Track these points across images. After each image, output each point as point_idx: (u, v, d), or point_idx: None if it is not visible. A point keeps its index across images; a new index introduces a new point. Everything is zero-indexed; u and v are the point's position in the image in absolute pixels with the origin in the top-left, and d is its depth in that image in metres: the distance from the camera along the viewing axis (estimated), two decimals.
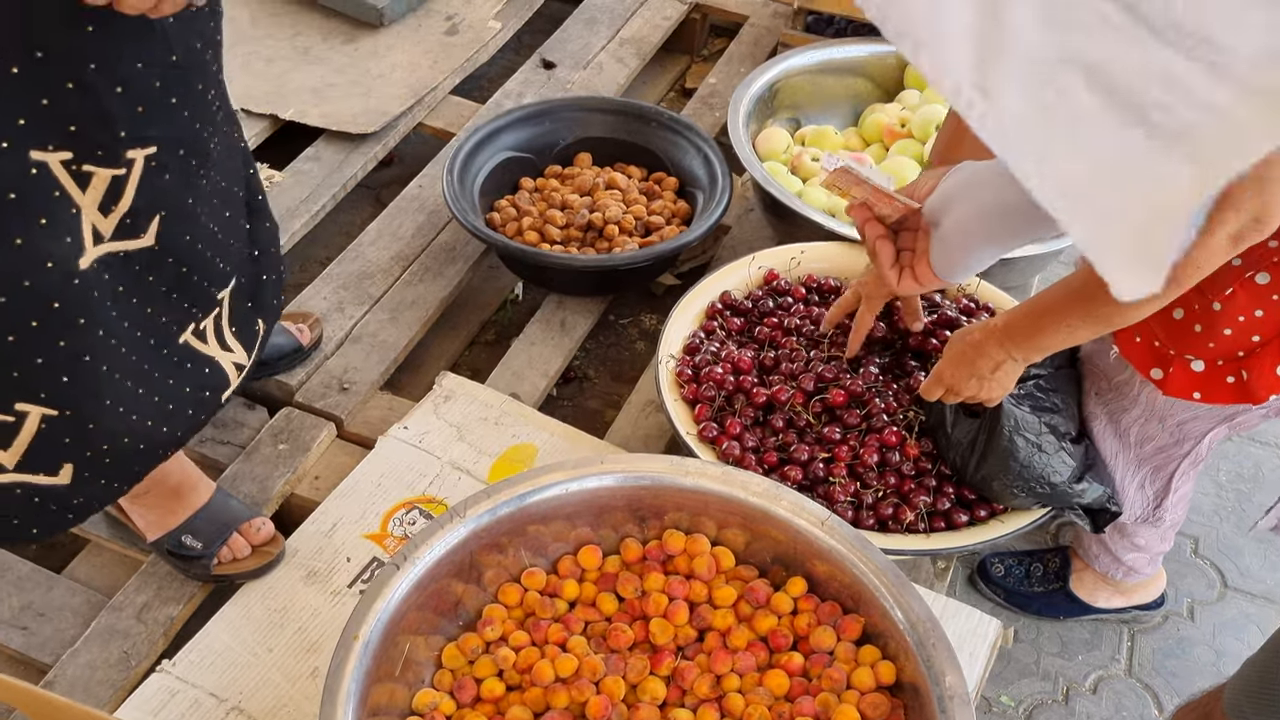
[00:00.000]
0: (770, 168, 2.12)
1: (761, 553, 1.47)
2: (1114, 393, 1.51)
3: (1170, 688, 1.80)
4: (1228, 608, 1.92)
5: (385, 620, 1.29)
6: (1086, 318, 1.28)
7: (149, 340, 1.31)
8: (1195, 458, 1.49)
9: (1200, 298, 1.33)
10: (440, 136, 2.51)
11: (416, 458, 1.74)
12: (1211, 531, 2.04)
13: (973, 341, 1.42)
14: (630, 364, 2.21)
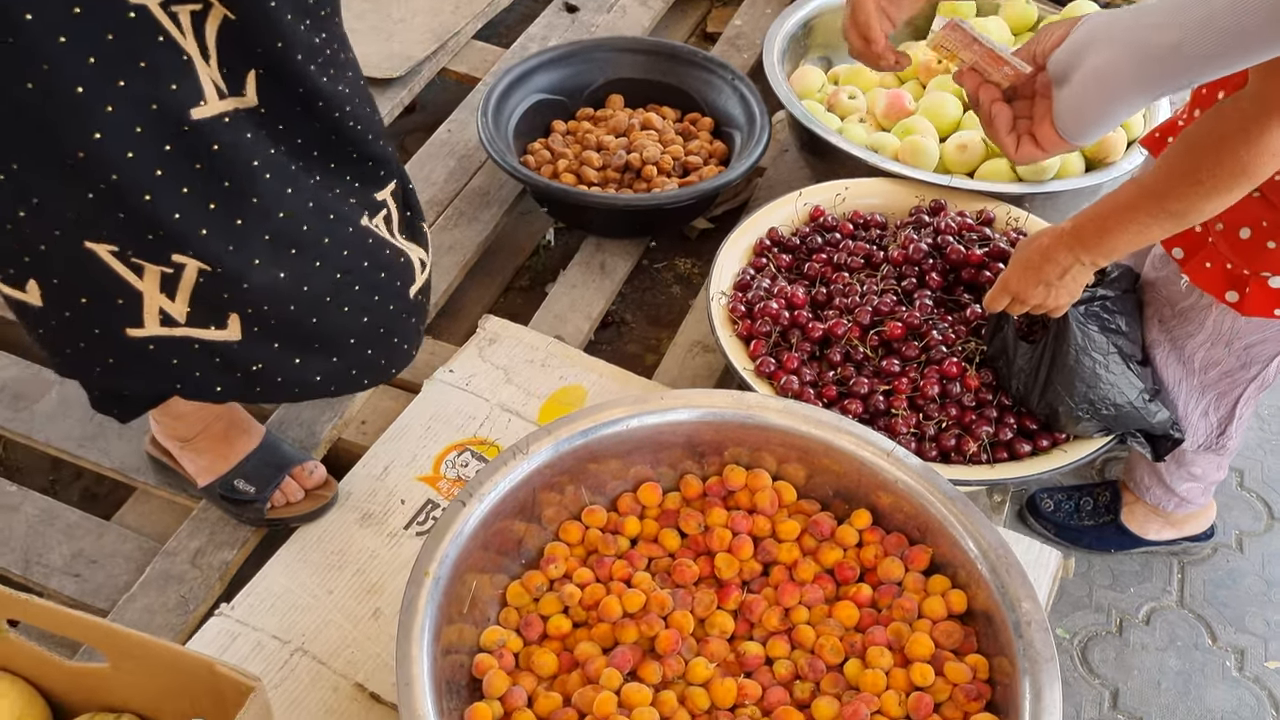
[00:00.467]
0: (808, 106, 2.09)
1: (822, 487, 1.46)
2: (1178, 319, 1.49)
3: (1222, 617, 1.80)
4: (1275, 539, 1.92)
5: (454, 557, 1.28)
6: (1158, 214, 1.26)
7: (328, 215, 1.27)
8: (1263, 381, 1.48)
9: (1272, 213, 1.31)
10: (464, 82, 2.47)
11: (465, 400, 1.72)
12: (1257, 464, 2.04)
13: (1040, 247, 1.39)
14: (667, 308, 2.19)
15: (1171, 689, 1.70)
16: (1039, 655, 1.21)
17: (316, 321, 1.32)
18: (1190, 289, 1.44)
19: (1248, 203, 1.32)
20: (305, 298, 1.29)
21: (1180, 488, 1.72)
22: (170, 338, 1.26)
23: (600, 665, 1.30)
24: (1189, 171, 1.22)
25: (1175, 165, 1.24)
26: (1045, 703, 1.18)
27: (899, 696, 1.27)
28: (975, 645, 1.32)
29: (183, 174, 1.14)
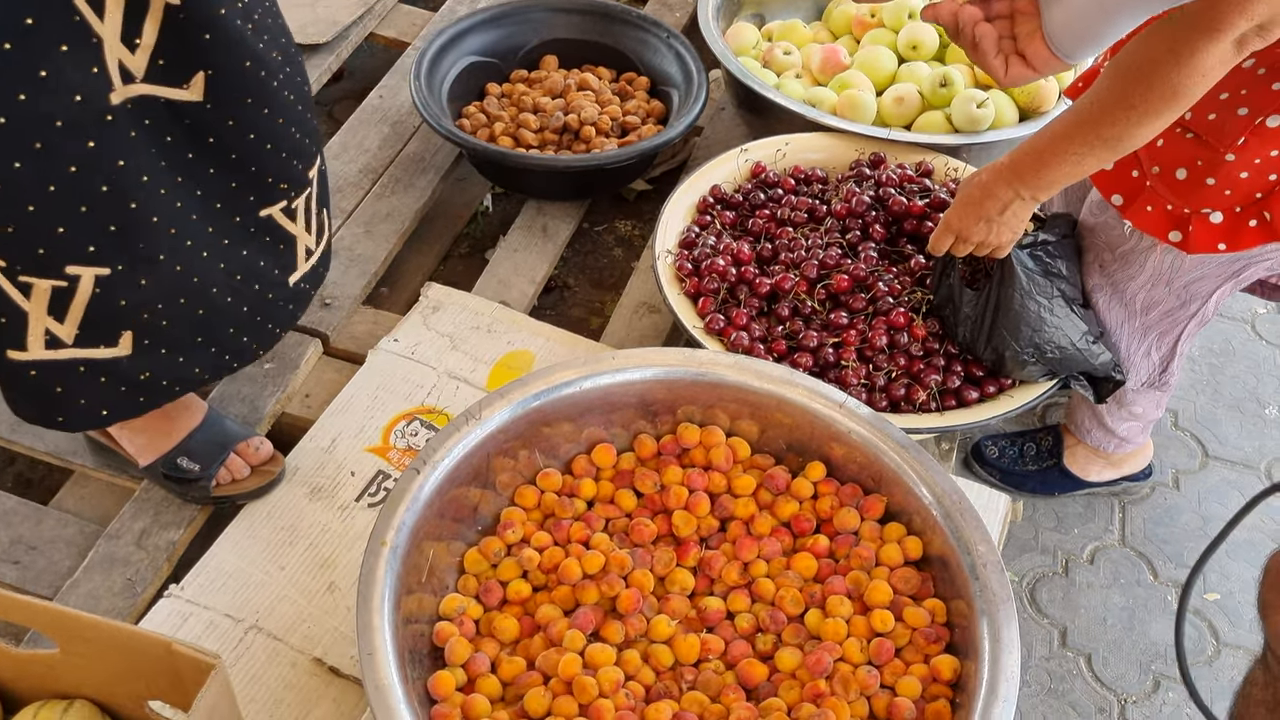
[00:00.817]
0: (744, 63, 2.08)
1: (776, 441, 1.46)
2: (1119, 263, 1.52)
3: (1162, 554, 1.85)
4: (1210, 476, 1.98)
5: (411, 525, 1.27)
6: (1093, 142, 1.27)
7: (215, 204, 1.25)
8: (1202, 318, 1.51)
9: (1205, 152, 1.33)
10: (393, 46, 2.42)
11: (411, 369, 1.70)
12: (1190, 404, 2.09)
13: (980, 183, 1.40)
14: (610, 270, 2.17)
15: (1117, 625, 1.75)
16: (995, 596, 1.23)
17: (203, 314, 1.30)
18: (1131, 233, 1.47)
19: (1182, 143, 1.35)
20: (195, 291, 1.27)
21: (1120, 428, 1.75)
22: (54, 362, 1.23)
23: (562, 628, 1.29)
24: (1121, 97, 1.23)
25: (1108, 92, 1.24)
26: (1004, 641, 1.20)
27: (860, 643, 1.28)
28: (933, 590, 1.34)
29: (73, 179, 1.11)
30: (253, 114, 1.22)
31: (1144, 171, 1.42)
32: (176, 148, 1.18)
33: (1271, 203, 1.32)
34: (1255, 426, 2.07)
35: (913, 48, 2.07)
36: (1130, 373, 1.60)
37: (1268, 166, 1.30)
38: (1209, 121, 1.32)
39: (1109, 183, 1.45)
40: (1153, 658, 1.71)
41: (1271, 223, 1.34)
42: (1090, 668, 1.69)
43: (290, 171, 1.31)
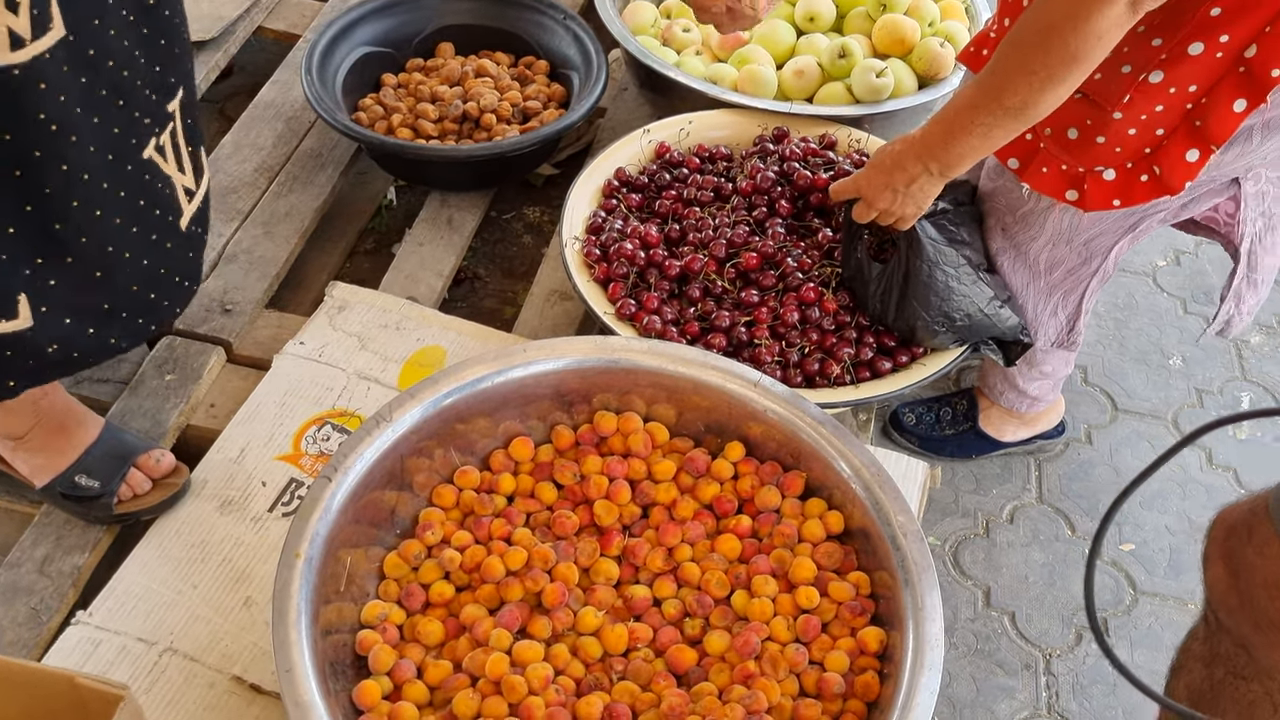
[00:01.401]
0: (643, 41, 2.06)
1: (693, 423, 1.46)
2: (1020, 225, 1.53)
3: (1078, 508, 1.88)
4: (1120, 428, 2.02)
5: (325, 535, 1.23)
6: (998, 113, 1.28)
7: (110, 154, 1.18)
8: (1104, 274, 1.54)
9: (1094, 111, 1.35)
10: (284, 39, 2.35)
11: (319, 372, 1.66)
12: (1098, 360, 2.13)
13: (893, 153, 1.41)
14: (521, 259, 2.15)
15: (1038, 581, 1.78)
16: (916, 565, 1.24)
17: (101, 276, 1.23)
18: (1029, 195, 1.48)
19: (1071, 104, 1.36)
20: (90, 251, 1.20)
21: (1031, 388, 1.78)
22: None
23: (488, 627, 1.27)
24: (1021, 65, 1.24)
25: (1008, 61, 1.26)
26: (927, 609, 1.21)
27: (787, 621, 1.28)
28: (856, 563, 1.34)
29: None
30: (106, 39, 1.15)
31: (1038, 134, 1.43)
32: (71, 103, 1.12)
33: (1160, 157, 1.34)
34: (1161, 377, 2.12)
35: (810, 19, 2.07)
36: (1039, 333, 1.62)
37: (1153, 122, 1.32)
38: (1095, 81, 1.33)
39: (1005, 147, 1.46)
40: (1074, 611, 1.75)
41: (1161, 177, 1.36)
42: (1014, 625, 1.72)
43: (148, 104, 1.24)
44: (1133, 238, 1.51)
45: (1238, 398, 2.10)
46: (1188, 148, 1.33)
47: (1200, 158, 1.33)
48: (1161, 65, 1.29)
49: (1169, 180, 1.35)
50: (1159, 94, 1.31)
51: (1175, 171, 1.34)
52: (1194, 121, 1.31)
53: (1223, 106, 1.29)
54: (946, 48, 2.00)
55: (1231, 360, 2.17)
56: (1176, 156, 1.34)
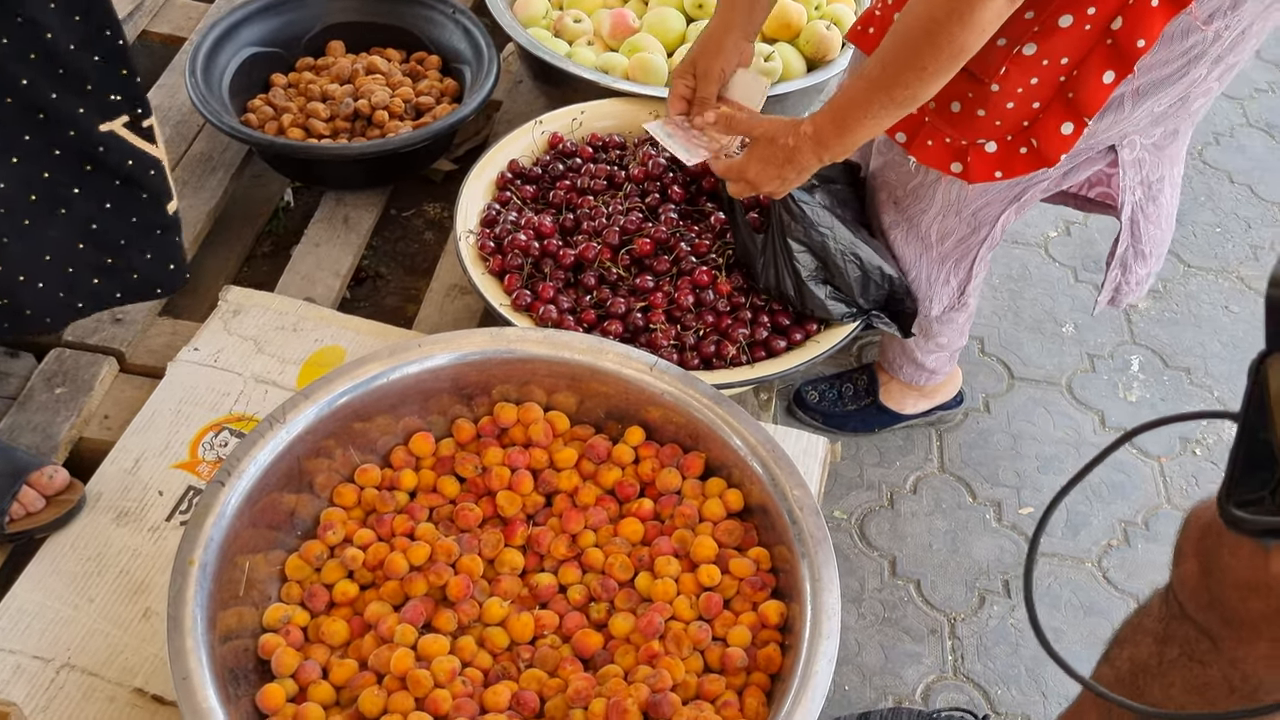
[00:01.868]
0: (535, 34, 2.06)
1: (594, 410, 1.47)
2: (910, 197, 1.56)
3: (978, 475, 1.93)
4: (1016, 396, 2.07)
5: (219, 540, 1.22)
6: (888, 105, 1.32)
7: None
8: (992, 241, 1.58)
9: (974, 85, 1.38)
10: (170, 43, 2.31)
11: (215, 378, 1.63)
12: (994, 330, 2.18)
13: (785, 148, 1.43)
14: (422, 255, 2.13)
15: (942, 549, 1.82)
16: (813, 537, 1.27)
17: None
18: (917, 168, 1.52)
19: (953, 78, 1.40)
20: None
21: (929, 360, 1.82)
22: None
23: (393, 623, 1.27)
24: (911, 61, 1.27)
25: (897, 56, 1.29)
26: (824, 580, 1.24)
27: (690, 600, 1.30)
28: (756, 539, 1.37)
29: None
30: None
31: (923, 108, 1.46)
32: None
33: (1036, 130, 1.38)
34: (1055, 344, 2.18)
35: (699, 6, 2.09)
36: (933, 300, 1.66)
37: (1029, 95, 1.36)
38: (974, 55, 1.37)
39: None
40: (976, 575, 1.79)
41: (1039, 149, 1.40)
42: (920, 592, 1.76)
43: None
44: (1018, 207, 1.55)
45: (1128, 360, 2.17)
46: (1063, 120, 1.37)
47: (1074, 130, 1.37)
48: (1034, 38, 1.33)
49: (1046, 152, 1.39)
50: (1033, 66, 1.35)
51: (1051, 144, 1.38)
52: (1067, 94, 1.35)
53: (1093, 78, 1.33)
54: (833, 30, 2.03)
55: (1121, 325, 2.24)
56: (1052, 129, 1.38)
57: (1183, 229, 2.47)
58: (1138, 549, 1.86)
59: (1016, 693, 1.66)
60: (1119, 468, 1.98)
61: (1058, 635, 1.73)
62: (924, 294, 1.66)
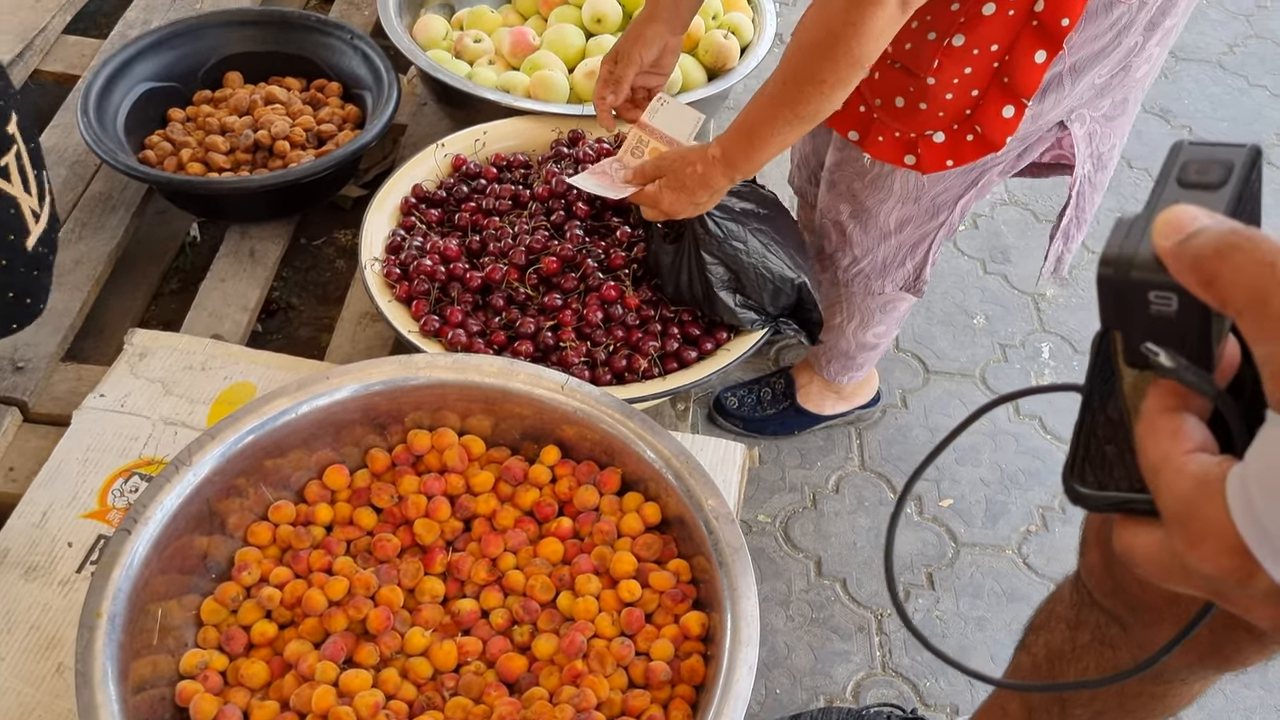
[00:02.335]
0: (434, 55, 2.06)
1: (509, 431, 1.47)
2: (869, 189, 1.58)
3: (899, 471, 1.96)
4: (933, 389, 2.11)
5: (128, 590, 1.20)
6: (793, 121, 1.33)
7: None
8: (949, 227, 1.60)
9: (913, 79, 1.40)
10: (63, 82, 2.26)
11: (123, 423, 1.60)
12: (907, 326, 2.22)
13: (695, 174, 1.44)
14: (334, 284, 2.12)
15: (866, 546, 1.85)
16: (728, 545, 1.28)
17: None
18: (872, 163, 1.54)
19: (892, 74, 1.42)
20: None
21: (860, 357, 1.84)
22: None
23: (313, 661, 1.25)
24: (811, 75, 1.29)
25: (797, 71, 1.30)
26: (741, 589, 1.25)
27: (612, 616, 1.30)
28: (675, 550, 1.37)
29: None
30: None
31: (870, 105, 1.49)
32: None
33: (979, 117, 1.40)
34: (967, 336, 2.22)
35: (597, 21, 2.10)
36: (885, 281, 1.67)
37: (966, 84, 1.38)
38: (907, 51, 1.40)
39: (843, 122, 1.52)
40: (900, 570, 1.82)
41: (984, 135, 1.42)
42: (846, 591, 1.79)
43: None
44: (976, 191, 1.57)
45: (1038, 348, 2.22)
46: (1003, 104, 1.39)
47: (1016, 113, 1.39)
48: (961, 28, 1.35)
49: (991, 137, 1.41)
50: (964, 56, 1.37)
51: (995, 128, 1.41)
52: (1003, 78, 1.37)
53: (1025, 60, 1.35)
54: (731, 39, 2.05)
55: (1031, 314, 2.29)
56: (994, 114, 1.40)
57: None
58: (1055, 533, 1.90)
59: (945, 684, 1.69)
60: (1034, 454, 2.02)
61: (981, 624, 1.76)
62: (877, 275, 1.67)
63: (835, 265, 1.69)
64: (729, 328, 1.63)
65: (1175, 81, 2.93)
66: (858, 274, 1.67)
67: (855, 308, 1.74)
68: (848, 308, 1.75)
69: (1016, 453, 2.00)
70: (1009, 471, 1.96)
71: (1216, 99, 2.91)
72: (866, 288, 1.69)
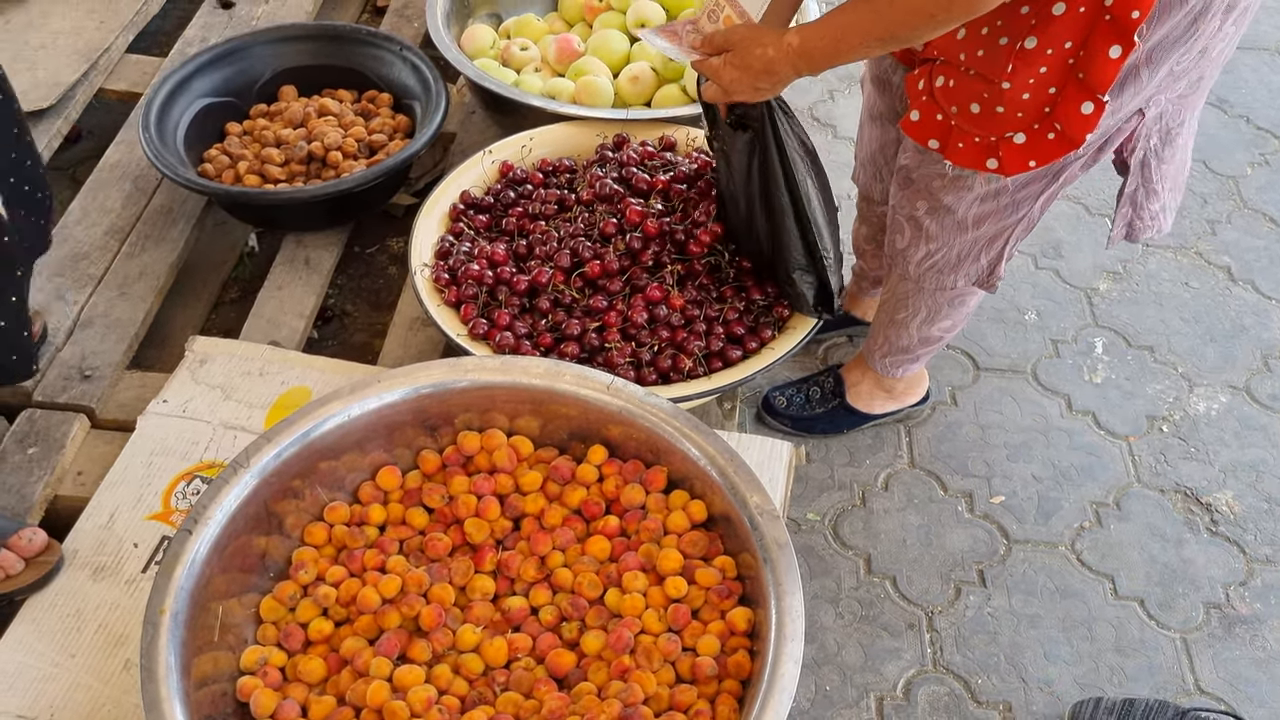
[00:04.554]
0: (482, 64, 2.09)
1: (557, 432, 1.49)
2: (949, 188, 1.56)
3: (948, 468, 1.95)
4: (982, 387, 2.10)
5: (190, 588, 1.24)
6: (886, 40, 1.32)
7: None
8: (1029, 222, 1.59)
9: (988, 85, 1.39)
10: (127, 99, 2.34)
11: (185, 427, 1.65)
12: None
13: (765, 58, 1.41)
14: (387, 290, 2.16)
15: (916, 543, 1.84)
16: (774, 542, 1.29)
17: None
18: (954, 169, 1.52)
19: (967, 81, 1.42)
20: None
21: (919, 351, 1.83)
22: None
23: (368, 657, 1.29)
24: (920, 8, 1.26)
25: (907, 1, 1.28)
26: (786, 584, 1.26)
27: (658, 612, 1.32)
28: (721, 548, 1.39)
29: None
30: None
31: (946, 113, 1.48)
32: None
33: (1058, 114, 1.39)
34: (1018, 333, 2.20)
35: (641, 25, 2.12)
36: (958, 275, 1.66)
37: (1042, 83, 1.37)
38: (980, 58, 1.39)
39: (921, 131, 1.51)
40: (951, 567, 1.81)
41: (1065, 133, 1.40)
42: (896, 588, 1.78)
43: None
44: (1058, 186, 1.55)
45: (1091, 343, 2.20)
46: (1081, 101, 1.37)
47: (1095, 109, 1.37)
48: (1033, 30, 1.35)
49: (1072, 134, 1.39)
50: (1038, 57, 1.36)
51: (1075, 125, 1.38)
52: (1078, 74, 1.36)
53: (1100, 56, 1.33)
54: None
55: (1084, 309, 2.27)
56: (1073, 111, 1.38)
57: None
58: (1110, 529, 1.88)
59: (997, 680, 1.68)
60: (1088, 449, 2.00)
61: (1034, 621, 1.75)
62: (950, 270, 1.66)
63: (907, 260, 1.67)
64: (774, 325, 1.64)
65: (1232, 71, 2.88)
66: (930, 268, 1.66)
67: (923, 302, 1.73)
68: (914, 302, 1.73)
69: (1069, 449, 1.97)
70: (1061, 467, 1.95)
71: (1275, 87, 2.85)
72: (939, 282, 1.67)
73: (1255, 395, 2.12)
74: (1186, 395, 2.11)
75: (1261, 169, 2.62)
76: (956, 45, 1.41)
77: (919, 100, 1.49)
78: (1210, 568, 1.84)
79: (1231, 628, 1.76)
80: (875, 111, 1.76)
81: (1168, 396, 2.10)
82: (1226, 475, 1.98)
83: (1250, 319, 2.26)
